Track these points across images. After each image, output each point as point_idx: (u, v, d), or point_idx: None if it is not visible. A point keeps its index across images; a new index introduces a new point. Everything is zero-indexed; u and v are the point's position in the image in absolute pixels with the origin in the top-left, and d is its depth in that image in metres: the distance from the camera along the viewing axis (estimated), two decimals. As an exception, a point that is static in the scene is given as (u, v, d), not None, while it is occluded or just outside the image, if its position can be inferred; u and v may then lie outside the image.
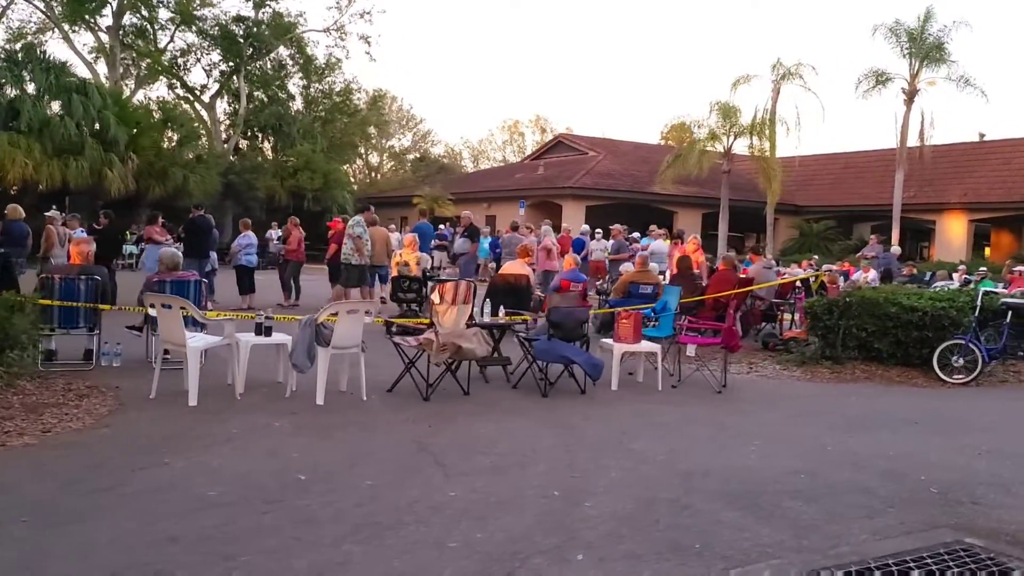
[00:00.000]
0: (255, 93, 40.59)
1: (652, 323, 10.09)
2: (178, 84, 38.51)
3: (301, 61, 40.91)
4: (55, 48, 69.85)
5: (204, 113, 39.64)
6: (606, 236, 20.75)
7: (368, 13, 39.30)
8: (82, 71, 33.02)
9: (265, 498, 4.76)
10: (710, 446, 6.56)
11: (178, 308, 6.94)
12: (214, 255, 16.16)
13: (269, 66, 40.17)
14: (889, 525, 4.98)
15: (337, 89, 42.43)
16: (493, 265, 19.79)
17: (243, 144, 40.41)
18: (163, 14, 36.32)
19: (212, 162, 34.30)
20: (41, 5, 34.61)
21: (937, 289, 13.87)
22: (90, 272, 8.41)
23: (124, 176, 29.12)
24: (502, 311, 8.79)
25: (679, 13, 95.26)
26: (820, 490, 5.54)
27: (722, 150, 34.58)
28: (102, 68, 35.04)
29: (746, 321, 13.49)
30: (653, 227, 21.67)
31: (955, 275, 19.41)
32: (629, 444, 6.44)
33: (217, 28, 37.18)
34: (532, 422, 7.05)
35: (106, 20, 34.64)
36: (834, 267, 18.17)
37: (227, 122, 40.10)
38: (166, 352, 7.26)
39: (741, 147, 35.43)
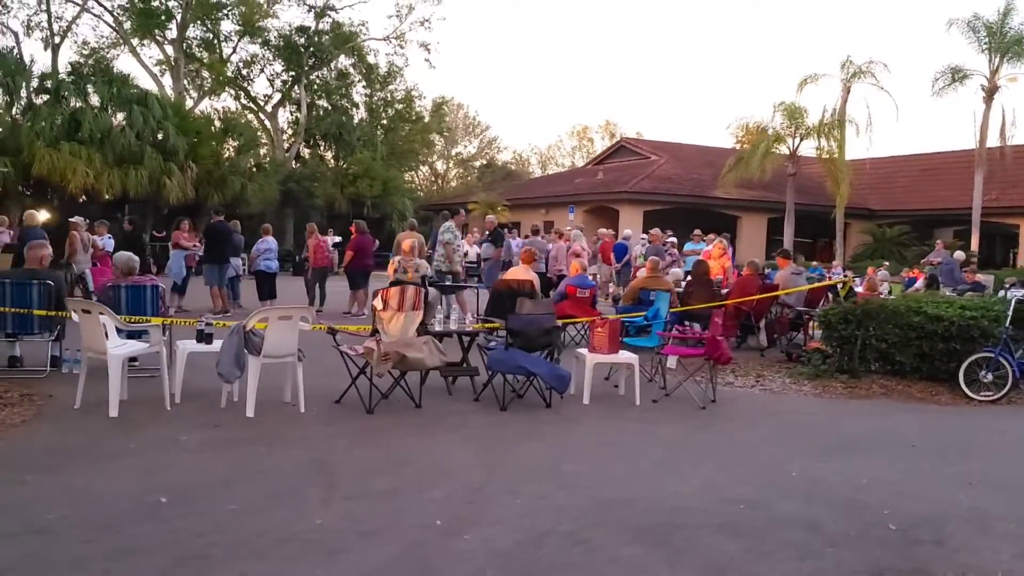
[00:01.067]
0: (317, 102, 40.93)
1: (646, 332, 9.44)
2: (242, 94, 39.04)
3: (363, 70, 41.05)
4: (125, 62, 71.93)
5: (267, 122, 40.11)
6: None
7: (427, 21, 39.25)
8: (148, 83, 33.75)
9: (100, 524, 4.34)
10: (655, 470, 5.91)
11: (98, 314, 6.61)
12: (237, 261, 16.01)
13: (331, 75, 40.42)
14: (820, 569, 4.32)
15: (399, 97, 42.42)
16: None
17: (305, 152, 40.75)
18: (227, 26, 36.90)
19: (271, 170, 34.63)
20: (111, 21, 35.54)
21: (1003, 297, 12.78)
22: (42, 277, 8.16)
23: (183, 184, 29.53)
24: (469, 318, 8.25)
25: (752, 13, 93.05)
26: (756, 523, 4.87)
27: (787, 152, 33.37)
28: (167, 80, 35.71)
29: (773, 330, 12.66)
30: (697, 232, 20.82)
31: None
32: (563, 466, 5.83)
33: (280, 39, 37.57)
34: (468, 439, 6.50)
35: (171, 33, 35.33)
36: (848, 274, 16.95)
37: (289, 131, 40.49)
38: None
39: (808, 149, 34.16)
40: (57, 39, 33.44)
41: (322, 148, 40.92)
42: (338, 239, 27.25)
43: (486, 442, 6.43)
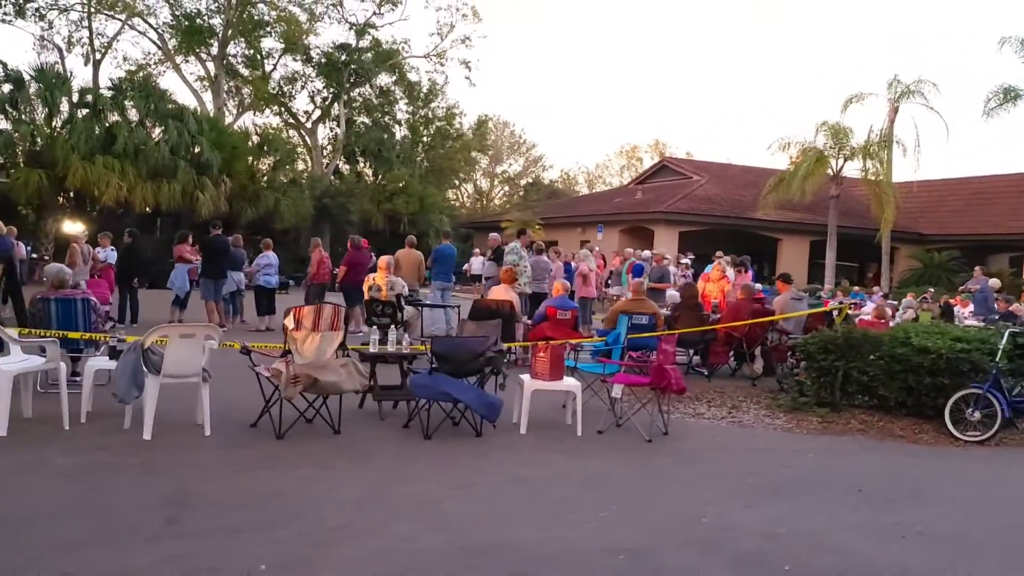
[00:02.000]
0: (358, 118, 41.14)
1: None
2: (282, 110, 39.37)
3: (404, 87, 41.17)
4: (168, 78, 73.03)
5: (307, 138, 40.42)
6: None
7: (468, 39, 39.18)
8: (189, 99, 34.24)
9: None
10: (551, 510, 5.41)
11: (-10, 329, 6.38)
12: (239, 276, 15.85)
13: (371, 92, 40.59)
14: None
15: (439, 114, 42.43)
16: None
17: (344, 168, 40.93)
18: (268, 43, 37.28)
19: (306, 185, 34.78)
20: (155, 38, 36.15)
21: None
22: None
23: (216, 199, 29.76)
24: (407, 340, 7.85)
25: (805, 32, 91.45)
26: (631, 578, 4.36)
27: (831, 173, 32.37)
28: (208, 96, 36.19)
29: (770, 359, 12.00)
30: (719, 254, 20.13)
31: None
32: (447, 505, 5.38)
33: (321, 56, 37.85)
34: (366, 471, 6.09)
35: (213, 50, 35.80)
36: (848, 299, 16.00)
37: (328, 147, 40.71)
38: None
39: (852, 171, 33.10)
40: (98, 55, 34.07)
41: (361, 164, 41.04)
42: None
43: (383, 474, 6.01)
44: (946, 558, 4.93)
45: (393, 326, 11.51)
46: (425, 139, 43.18)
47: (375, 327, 8.29)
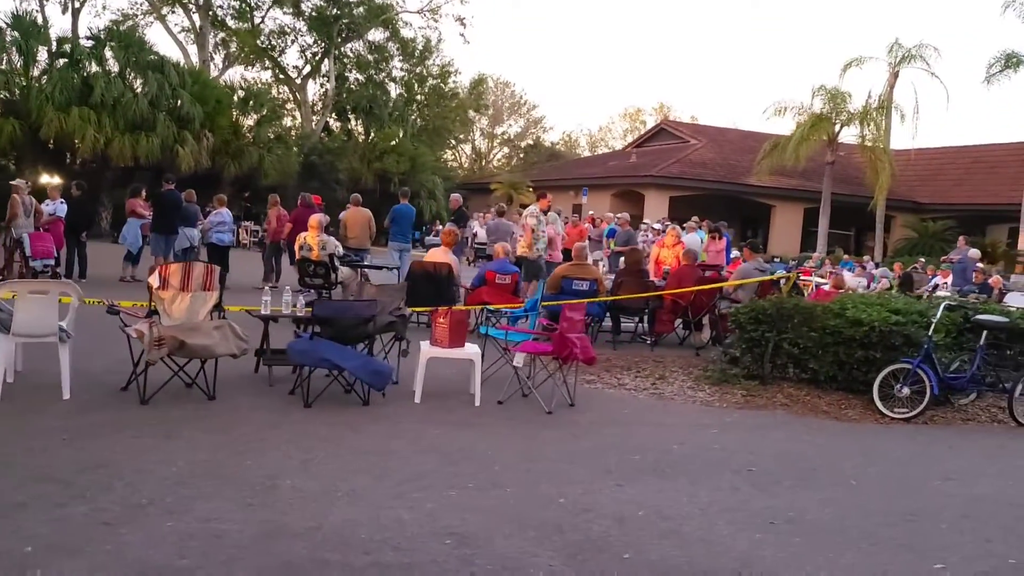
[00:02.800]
0: (352, 75, 40.45)
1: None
2: (272, 65, 38.71)
3: (398, 44, 40.40)
4: (156, 32, 71.38)
5: (297, 94, 39.81)
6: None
7: (463, -7, 38.30)
8: (175, 52, 33.59)
9: None
10: (394, 489, 5.02)
11: None
12: (193, 232, 15.43)
13: (364, 48, 39.86)
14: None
15: (434, 72, 41.67)
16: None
17: (336, 126, 40.32)
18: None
19: (291, 142, 34.25)
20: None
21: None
22: None
23: (197, 153, 29.30)
24: (301, 301, 7.46)
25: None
26: (442, 564, 3.98)
27: (827, 139, 31.64)
28: (193, 49, 35.57)
29: (719, 328, 11.57)
30: (694, 219, 19.61)
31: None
32: (279, 482, 4.99)
33: (311, 10, 37.09)
34: (204, 443, 5.66)
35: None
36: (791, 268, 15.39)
37: (319, 104, 40.08)
38: None
39: (849, 136, 32.38)
40: (77, 3, 33.37)
41: (352, 122, 40.40)
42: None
43: (231, 446, 5.63)
44: (805, 548, 4.54)
45: (326, 287, 11.25)
46: (419, 98, 42.44)
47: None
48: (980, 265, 18.10)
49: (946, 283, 18.50)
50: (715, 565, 4.25)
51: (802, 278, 17.79)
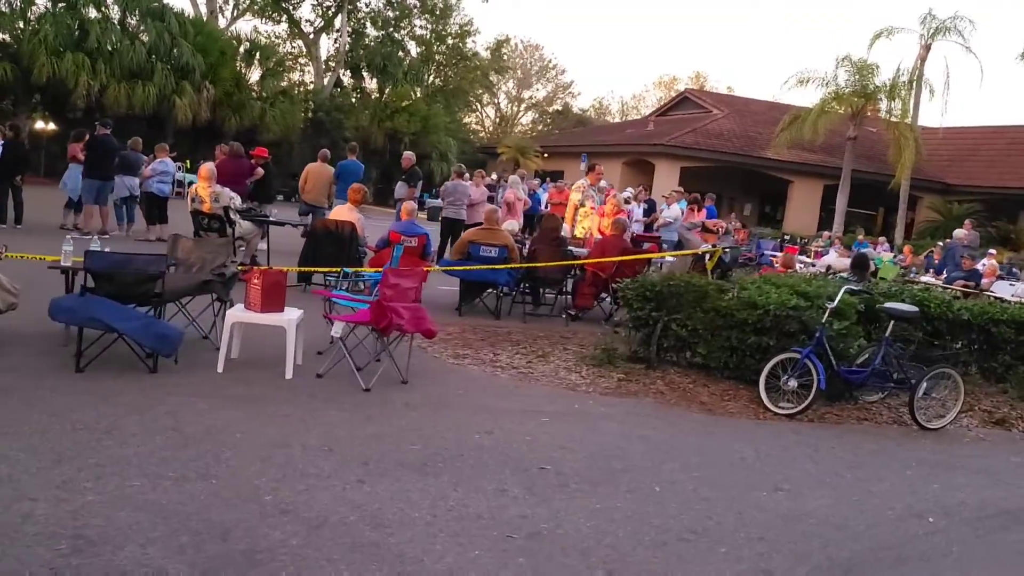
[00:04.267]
0: (368, 30, 39.62)
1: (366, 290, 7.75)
2: (284, 17, 37.97)
3: (417, 2, 39.45)
4: None
5: (310, 49, 39.10)
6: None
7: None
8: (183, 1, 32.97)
9: None
10: (75, 477, 4.29)
11: None
12: (133, 181, 14.81)
13: (382, 3, 38.95)
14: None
15: (453, 31, 40.65)
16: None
17: (349, 83, 39.55)
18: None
19: (298, 97, 33.62)
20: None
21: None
22: None
23: (197, 105, 28.85)
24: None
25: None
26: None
27: (850, 112, 30.11)
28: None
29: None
30: (679, 189, 18.58)
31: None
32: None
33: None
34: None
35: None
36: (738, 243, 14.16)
37: (332, 59, 39.31)
38: None
39: (874, 112, 30.77)
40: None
41: (366, 79, 39.59)
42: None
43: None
44: (520, 571, 3.73)
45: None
46: (438, 57, 41.47)
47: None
48: (968, 250, 16.88)
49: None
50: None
51: (775, 256, 16.75)
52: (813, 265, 17.19)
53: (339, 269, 8.51)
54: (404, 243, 10.27)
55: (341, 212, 10.51)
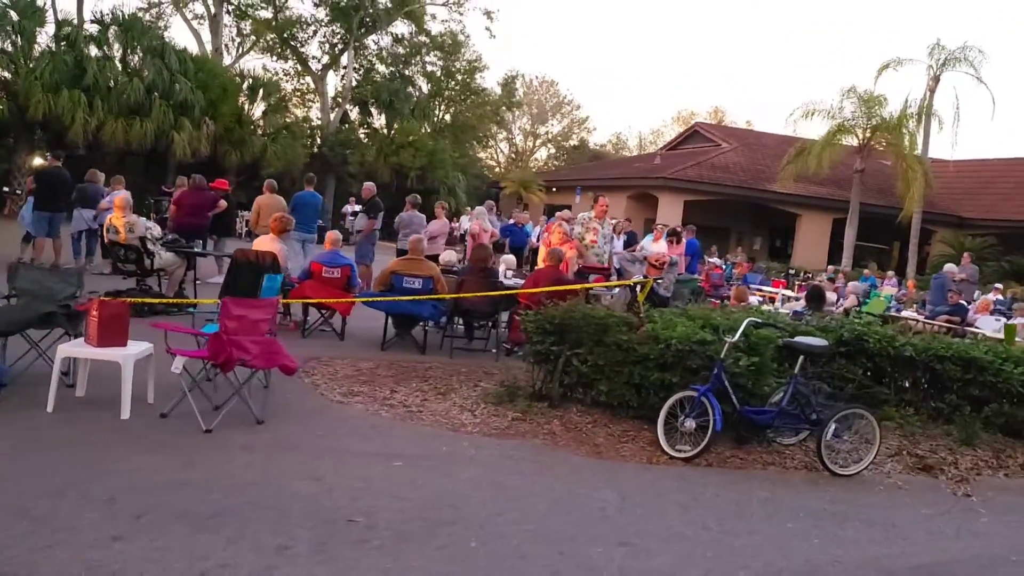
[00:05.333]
0: (379, 67, 39.74)
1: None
2: (291, 54, 38.14)
3: (426, 39, 39.51)
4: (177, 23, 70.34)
5: (317, 85, 39.24)
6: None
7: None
8: (189, 38, 33.26)
9: None
10: None
11: None
12: (90, 214, 14.57)
13: (389, 41, 39.09)
14: None
15: (458, 67, 40.62)
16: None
17: (356, 118, 39.58)
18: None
19: (299, 133, 33.61)
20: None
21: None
22: None
23: (196, 141, 28.83)
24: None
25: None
26: None
27: (857, 145, 29.43)
28: (207, 35, 35.22)
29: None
30: (659, 225, 18.05)
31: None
32: None
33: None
34: None
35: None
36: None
37: (340, 95, 39.39)
38: None
39: (882, 144, 30.03)
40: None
41: (377, 115, 39.57)
42: (357, 208, 24.89)
43: None
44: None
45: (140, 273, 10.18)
46: (447, 93, 41.43)
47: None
48: (956, 281, 16.11)
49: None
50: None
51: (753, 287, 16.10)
52: (798, 299, 16.50)
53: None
54: (326, 274, 9.86)
55: (263, 242, 10.11)
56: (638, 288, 9.60)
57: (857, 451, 6.57)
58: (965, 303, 14.92)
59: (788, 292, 17.85)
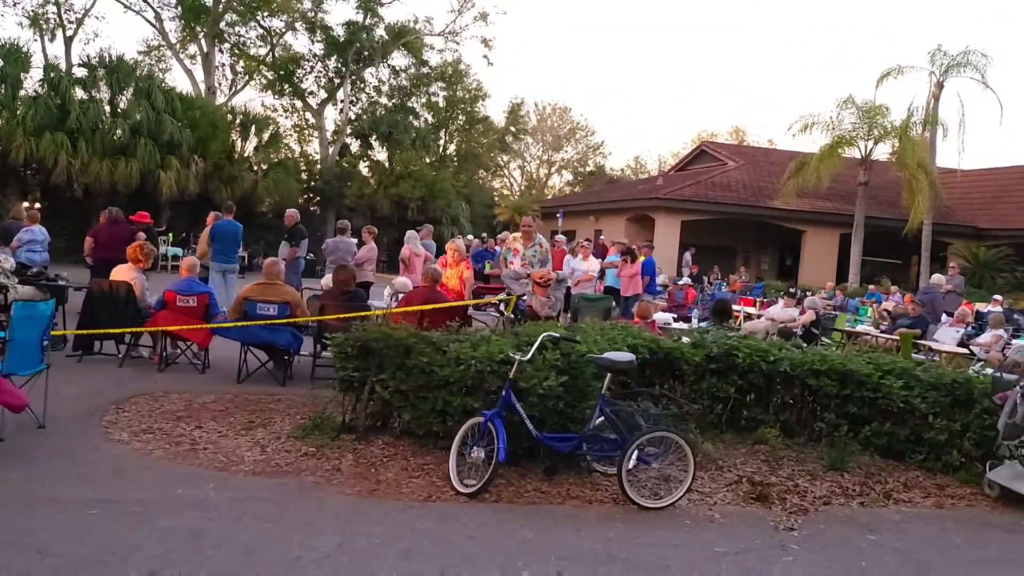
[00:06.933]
0: (379, 100, 39.61)
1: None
2: (287, 89, 38.12)
3: (428, 69, 39.31)
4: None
5: (315, 119, 39.19)
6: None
7: (486, 15, 36.91)
8: (182, 77, 33.47)
9: None
10: None
11: None
12: (5, 252, 14.16)
13: (388, 73, 38.94)
14: None
15: (461, 96, 40.30)
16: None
17: (356, 150, 39.39)
18: (272, 23, 36.11)
19: (291, 167, 33.42)
20: (151, 18, 35.55)
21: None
22: None
23: (184, 179, 28.71)
24: None
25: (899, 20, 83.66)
26: None
27: (859, 157, 28.30)
28: (200, 74, 35.32)
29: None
30: (618, 244, 17.22)
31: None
32: None
33: (322, 34, 36.38)
34: None
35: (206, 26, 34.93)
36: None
37: (339, 129, 39.30)
38: None
39: (884, 154, 28.88)
40: (70, 31, 33.57)
41: (375, 147, 39.36)
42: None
43: None
44: None
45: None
46: (450, 124, 41.10)
47: None
48: (944, 293, 15.04)
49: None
50: None
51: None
52: (759, 316, 15.52)
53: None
54: (180, 303, 9.24)
55: (120, 272, 9.57)
56: (502, 305, 8.84)
57: (673, 480, 5.70)
58: (926, 316, 13.82)
59: (750, 310, 16.84)
